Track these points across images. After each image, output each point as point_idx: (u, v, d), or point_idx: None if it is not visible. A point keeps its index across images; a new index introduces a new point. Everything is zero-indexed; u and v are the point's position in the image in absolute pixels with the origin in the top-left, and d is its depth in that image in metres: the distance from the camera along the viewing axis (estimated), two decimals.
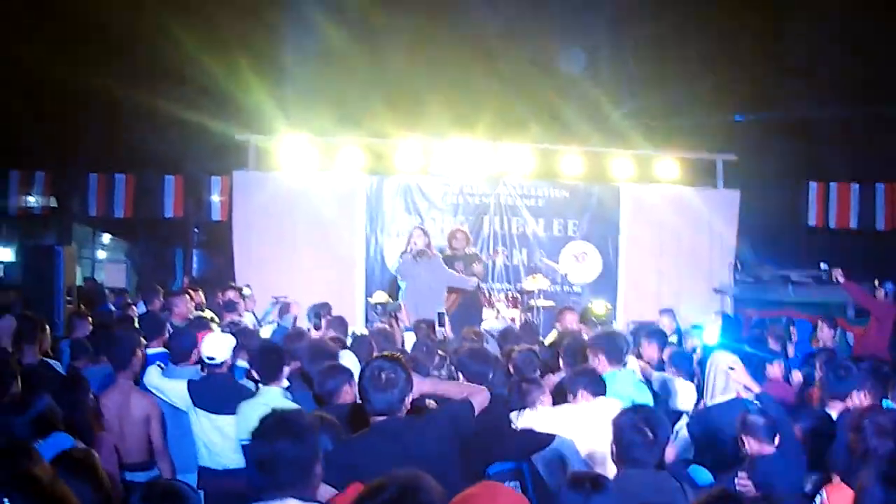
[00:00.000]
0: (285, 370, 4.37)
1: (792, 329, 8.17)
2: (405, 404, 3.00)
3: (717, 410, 4.36)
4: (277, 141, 10.06)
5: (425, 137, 10.36)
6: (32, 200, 12.24)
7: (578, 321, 6.99)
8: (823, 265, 9.10)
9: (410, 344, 6.06)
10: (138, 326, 5.86)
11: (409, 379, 3.01)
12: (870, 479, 2.60)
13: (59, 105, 12.16)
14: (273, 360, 4.35)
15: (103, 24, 10.75)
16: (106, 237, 18.08)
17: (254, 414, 2.96)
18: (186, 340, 4.96)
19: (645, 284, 10.26)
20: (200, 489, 4.07)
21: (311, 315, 6.84)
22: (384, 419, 2.96)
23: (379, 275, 9.84)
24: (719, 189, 10.76)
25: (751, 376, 4.53)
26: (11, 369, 4.01)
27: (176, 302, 6.95)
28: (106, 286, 12.11)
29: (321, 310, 6.81)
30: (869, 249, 11.60)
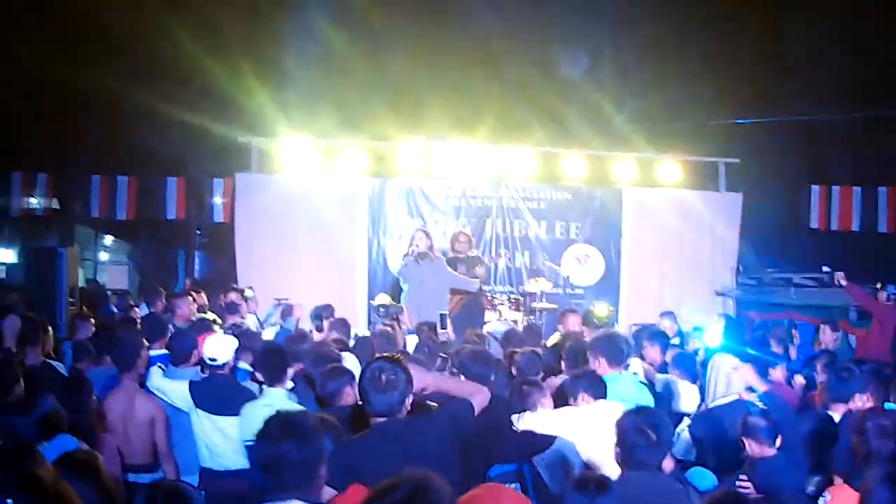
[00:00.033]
0: (289, 372, 4.38)
1: (794, 332, 8.16)
2: (405, 405, 2.99)
3: (719, 412, 4.36)
4: (279, 143, 10.05)
5: (427, 140, 10.36)
6: (35, 202, 12.23)
7: (581, 323, 6.99)
8: (826, 268, 9.11)
9: (412, 346, 6.06)
10: (141, 328, 5.88)
11: (410, 380, 3.00)
12: (875, 481, 2.61)
13: (60, 105, 12.20)
14: (276, 362, 4.36)
15: (103, 24, 10.79)
16: (108, 239, 18.09)
17: (258, 415, 2.97)
18: (186, 342, 4.98)
19: (647, 287, 10.25)
20: (202, 490, 4.07)
21: (314, 317, 6.85)
22: (384, 420, 2.96)
23: (381, 277, 9.84)
24: (721, 192, 10.74)
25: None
26: (15, 370, 4.02)
27: (178, 304, 6.94)
28: (108, 288, 12.17)
29: (323, 312, 6.81)
30: (871, 252, 11.55)
